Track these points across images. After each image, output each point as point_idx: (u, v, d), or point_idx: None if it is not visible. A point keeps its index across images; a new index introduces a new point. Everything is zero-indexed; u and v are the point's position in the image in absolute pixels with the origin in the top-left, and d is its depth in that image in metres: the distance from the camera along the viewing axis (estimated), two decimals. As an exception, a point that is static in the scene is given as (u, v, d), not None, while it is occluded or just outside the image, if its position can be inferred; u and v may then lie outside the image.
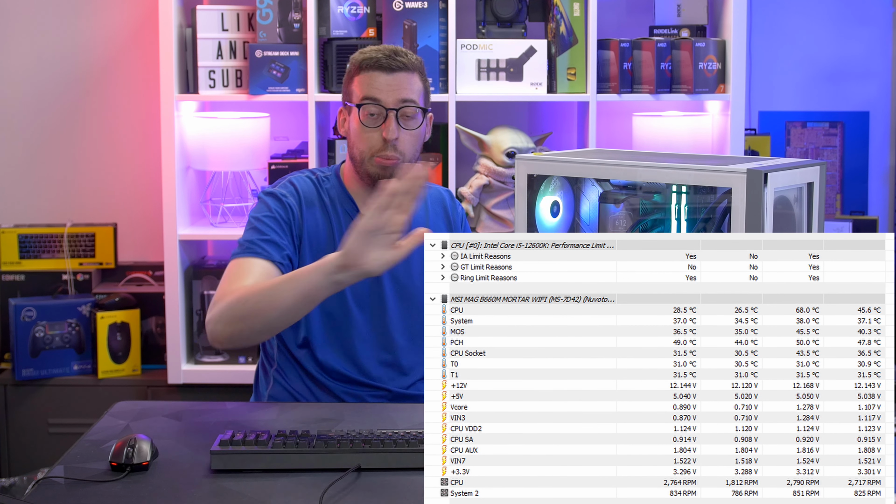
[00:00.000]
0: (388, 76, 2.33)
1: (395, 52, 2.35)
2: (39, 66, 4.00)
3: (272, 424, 2.12)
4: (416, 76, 2.36)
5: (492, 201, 3.52)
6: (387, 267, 1.96)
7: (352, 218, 2.38)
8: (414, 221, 2.42)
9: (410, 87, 2.34)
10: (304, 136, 3.71)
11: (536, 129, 3.86)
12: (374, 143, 2.33)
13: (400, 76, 2.33)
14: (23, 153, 4.04)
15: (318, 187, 2.42)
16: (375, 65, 2.33)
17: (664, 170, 1.90)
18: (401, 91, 2.33)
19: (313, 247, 2.37)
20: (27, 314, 3.70)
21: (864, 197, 4.11)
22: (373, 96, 2.32)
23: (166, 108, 3.51)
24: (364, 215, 1.94)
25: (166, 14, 3.48)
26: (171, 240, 3.54)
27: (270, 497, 1.77)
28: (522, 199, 2.03)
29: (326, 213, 2.39)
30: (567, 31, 3.49)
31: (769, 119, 4.11)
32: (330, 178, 2.44)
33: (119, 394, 3.59)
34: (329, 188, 2.42)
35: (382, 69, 2.33)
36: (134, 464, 1.85)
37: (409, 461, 1.87)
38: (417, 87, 2.36)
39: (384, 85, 2.32)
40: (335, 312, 2.38)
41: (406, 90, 2.33)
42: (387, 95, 2.32)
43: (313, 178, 2.44)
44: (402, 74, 2.33)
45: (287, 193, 2.38)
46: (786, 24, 4.08)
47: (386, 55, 2.34)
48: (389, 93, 2.32)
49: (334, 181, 2.44)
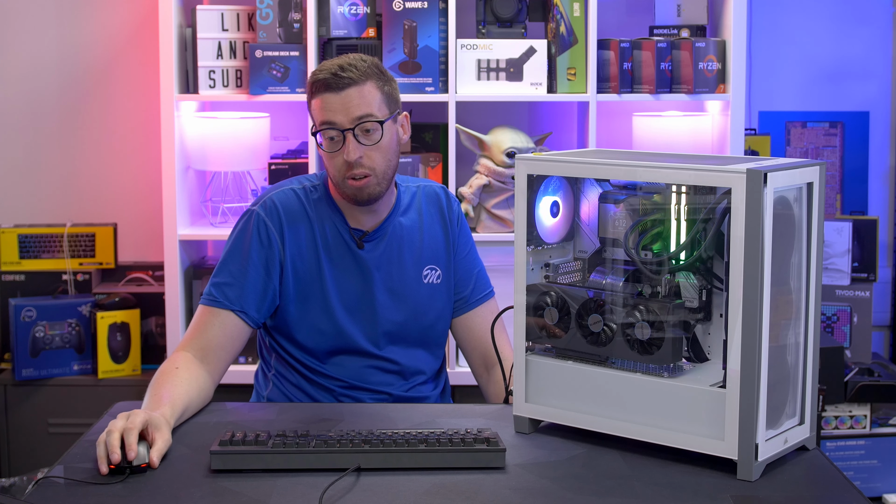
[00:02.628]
0: (337, 96, 2.25)
1: (340, 68, 2.26)
2: (39, 66, 4.00)
3: (272, 424, 2.12)
4: (367, 86, 2.26)
5: (492, 201, 3.52)
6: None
7: (338, 229, 2.37)
8: (409, 227, 2.42)
9: (363, 101, 2.25)
10: (304, 136, 3.71)
11: (536, 129, 3.86)
12: (339, 165, 2.28)
13: (349, 93, 2.25)
14: (23, 153, 4.04)
15: (304, 200, 2.37)
16: (323, 86, 2.26)
17: (664, 170, 1.90)
18: (352, 109, 2.25)
19: (297, 266, 2.35)
20: (27, 314, 3.70)
21: (864, 197, 4.11)
22: (328, 120, 2.26)
23: (166, 108, 3.51)
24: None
25: (166, 14, 3.48)
26: (171, 240, 3.54)
27: (270, 497, 1.77)
28: (522, 199, 2.03)
29: (311, 228, 2.36)
30: (567, 31, 3.49)
31: (769, 119, 4.10)
32: (318, 187, 2.39)
33: (119, 394, 3.59)
34: (316, 199, 2.37)
35: (331, 89, 2.25)
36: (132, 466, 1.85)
37: (409, 461, 1.88)
38: (372, 98, 2.27)
39: (337, 105, 2.25)
40: (325, 328, 2.37)
41: (358, 106, 2.25)
42: (341, 116, 2.25)
43: (299, 190, 2.38)
44: (351, 91, 2.25)
45: (267, 219, 2.33)
46: (786, 24, 4.08)
47: (332, 73, 2.25)
48: (343, 113, 2.25)
49: (322, 190, 2.39)
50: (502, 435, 2.00)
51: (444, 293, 2.45)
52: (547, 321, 2.05)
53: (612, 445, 1.98)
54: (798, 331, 1.94)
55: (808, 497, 1.80)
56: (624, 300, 1.98)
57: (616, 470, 1.89)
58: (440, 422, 2.14)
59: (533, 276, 2.09)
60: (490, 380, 2.47)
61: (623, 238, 2.01)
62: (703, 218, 1.93)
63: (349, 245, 2.37)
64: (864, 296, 3.85)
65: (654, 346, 1.94)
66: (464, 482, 1.83)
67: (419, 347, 2.44)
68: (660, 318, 1.93)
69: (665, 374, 1.94)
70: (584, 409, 2.00)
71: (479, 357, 2.49)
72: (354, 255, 2.37)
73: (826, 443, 3.61)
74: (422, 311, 2.41)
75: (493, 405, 2.32)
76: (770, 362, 1.84)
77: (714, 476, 1.85)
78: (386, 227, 2.39)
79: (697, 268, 1.96)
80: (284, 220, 2.34)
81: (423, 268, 2.42)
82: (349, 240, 2.36)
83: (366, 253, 2.36)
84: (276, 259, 2.33)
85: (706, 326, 1.99)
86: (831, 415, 3.63)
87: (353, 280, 2.36)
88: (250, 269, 2.31)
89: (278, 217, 2.34)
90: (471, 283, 2.49)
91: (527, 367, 2.06)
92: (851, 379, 3.63)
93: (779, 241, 1.84)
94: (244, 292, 2.31)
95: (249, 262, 2.32)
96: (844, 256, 3.85)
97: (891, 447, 3.67)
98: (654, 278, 1.98)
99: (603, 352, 2.00)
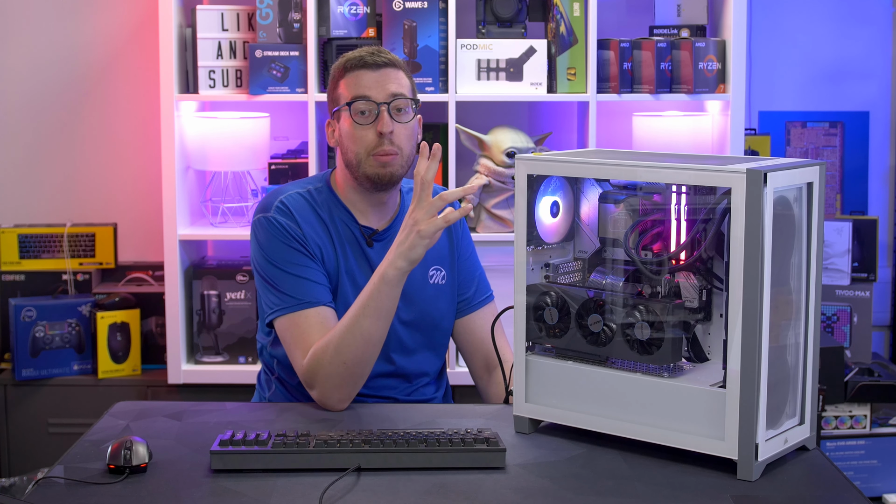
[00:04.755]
0: (374, 72, 2.30)
1: (377, 50, 2.34)
2: (39, 66, 4.00)
3: (272, 425, 2.13)
4: (401, 72, 2.34)
5: (492, 201, 3.52)
6: (436, 230, 2.12)
7: (350, 228, 2.36)
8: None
9: (399, 82, 2.32)
10: (304, 136, 3.71)
11: (536, 129, 3.86)
12: (368, 141, 2.29)
13: (387, 71, 2.31)
14: (23, 153, 4.04)
15: (312, 202, 2.36)
16: (360, 63, 2.31)
17: (664, 170, 1.90)
18: (389, 85, 2.30)
19: (325, 261, 2.33)
20: (27, 314, 3.70)
21: (864, 197, 4.11)
22: (362, 94, 2.30)
23: (166, 108, 3.51)
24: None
25: (166, 14, 3.48)
26: (171, 240, 3.54)
27: (270, 497, 1.77)
28: (522, 199, 2.03)
29: (326, 228, 2.35)
30: (567, 31, 3.49)
31: (769, 119, 4.10)
32: (321, 189, 2.39)
33: (119, 394, 3.59)
34: (322, 200, 2.37)
35: (368, 67, 2.31)
36: (132, 466, 1.85)
37: (409, 461, 1.88)
38: (405, 82, 2.34)
39: (372, 81, 2.30)
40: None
41: (394, 84, 2.31)
42: (376, 91, 2.30)
43: (304, 193, 2.37)
44: (388, 70, 2.32)
45: (285, 220, 2.31)
46: (786, 24, 4.08)
47: (369, 53, 2.32)
48: (378, 88, 2.30)
49: (326, 193, 2.38)
50: (502, 435, 2.00)
51: (449, 294, 2.45)
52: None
53: (612, 445, 1.98)
54: (798, 331, 1.94)
55: (808, 497, 1.80)
56: (624, 300, 1.98)
57: (616, 470, 1.89)
58: (440, 422, 2.14)
59: (533, 276, 2.09)
60: (491, 381, 2.47)
61: (623, 238, 2.01)
62: (702, 218, 1.93)
63: (360, 243, 2.37)
64: (864, 296, 3.85)
65: (653, 346, 1.94)
66: (464, 482, 1.83)
67: (424, 348, 2.43)
68: (660, 318, 1.93)
69: (665, 374, 1.94)
70: (584, 409, 2.00)
71: (480, 359, 2.48)
72: (365, 254, 2.37)
73: (826, 443, 3.61)
74: (428, 311, 2.41)
75: (493, 405, 2.32)
76: (770, 362, 1.84)
77: (714, 476, 1.85)
78: (395, 227, 2.39)
79: (697, 268, 1.96)
80: (300, 220, 2.33)
81: (429, 268, 2.42)
82: (360, 237, 2.36)
83: (375, 252, 2.36)
84: (310, 248, 2.31)
85: (706, 326, 1.99)
86: (831, 415, 3.63)
87: (366, 278, 2.35)
88: (302, 262, 2.29)
89: (293, 217, 2.33)
90: (473, 285, 2.49)
91: (527, 367, 2.06)
92: (851, 379, 3.63)
93: (779, 241, 1.84)
94: (313, 286, 2.28)
95: (297, 256, 2.29)
96: (844, 256, 3.85)
97: (891, 447, 3.67)
98: (654, 278, 1.98)
99: (603, 352, 2.00)
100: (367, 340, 2.18)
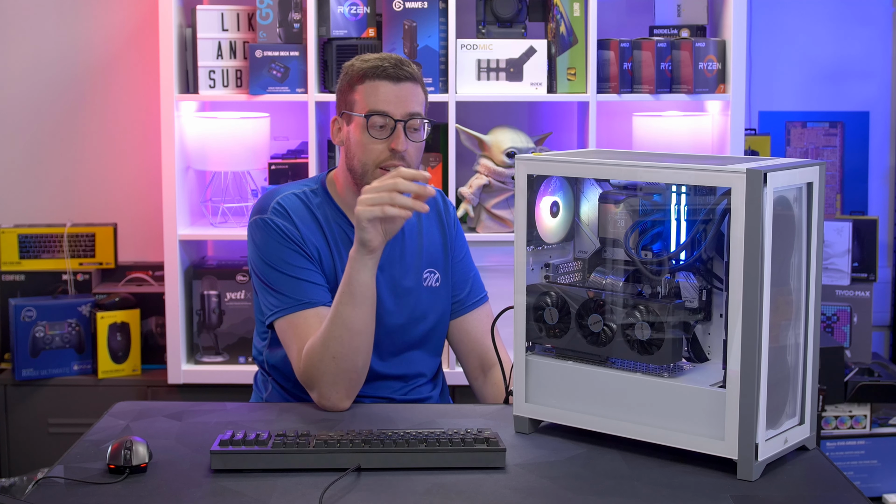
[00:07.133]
0: (395, 86, 2.27)
1: (400, 62, 2.29)
2: (39, 66, 4.00)
3: (272, 424, 2.13)
4: (419, 87, 2.31)
5: (492, 201, 3.52)
6: (371, 216, 2.12)
7: (346, 232, 2.36)
8: (409, 230, 2.42)
9: (416, 99, 2.29)
10: (304, 136, 3.71)
11: (536, 129, 3.86)
12: (378, 154, 2.27)
13: (407, 87, 2.28)
14: (23, 153, 4.04)
15: (308, 204, 2.35)
16: (382, 74, 2.27)
17: (664, 170, 1.90)
18: (408, 103, 2.27)
19: (322, 262, 2.33)
20: (27, 314, 3.70)
21: (864, 197, 4.11)
22: (380, 109, 2.26)
23: (166, 108, 3.51)
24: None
25: (166, 14, 3.48)
26: (171, 240, 3.54)
27: (270, 497, 1.77)
28: (522, 199, 2.03)
29: (322, 230, 2.35)
30: (567, 31, 3.49)
31: (769, 119, 4.11)
32: (317, 191, 2.38)
33: (119, 394, 3.59)
34: (318, 203, 2.36)
35: (390, 79, 2.27)
36: (132, 466, 1.85)
37: (409, 461, 1.88)
38: (421, 99, 2.31)
39: (392, 96, 2.26)
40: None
41: (413, 102, 2.28)
42: (395, 107, 2.26)
43: (300, 195, 2.36)
44: (408, 85, 2.28)
45: (282, 221, 2.31)
46: (786, 24, 4.08)
47: (392, 64, 2.27)
48: (398, 105, 2.27)
49: (322, 195, 2.38)
50: (502, 435, 2.00)
51: (444, 296, 2.45)
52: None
53: (612, 445, 1.98)
54: (798, 331, 1.94)
55: (808, 497, 1.80)
56: (624, 300, 1.98)
57: (616, 470, 1.89)
58: (440, 422, 2.14)
59: (533, 276, 2.09)
60: (486, 382, 2.47)
61: (623, 238, 2.01)
62: (702, 219, 1.93)
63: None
64: (864, 296, 3.85)
65: (653, 346, 1.94)
66: (464, 482, 1.83)
67: (420, 350, 2.43)
68: (660, 319, 1.94)
69: (665, 374, 1.94)
70: (584, 409, 2.01)
71: (475, 360, 2.48)
72: None
73: (826, 443, 3.61)
74: (422, 313, 2.41)
75: (493, 405, 2.32)
76: (770, 362, 1.84)
77: (714, 476, 1.85)
78: None
79: (697, 268, 1.96)
80: (297, 221, 2.32)
81: (423, 271, 2.42)
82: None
83: None
84: (308, 249, 2.31)
85: (706, 326, 1.99)
86: (831, 415, 3.63)
87: None
88: (300, 264, 2.29)
89: (290, 218, 2.32)
90: (467, 286, 2.49)
91: (527, 367, 2.06)
92: (851, 379, 3.63)
93: (779, 242, 1.85)
94: (311, 287, 2.28)
95: (294, 261, 2.29)
96: (844, 256, 3.85)
97: (891, 447, 3.67)
98: (654, 278, 1.99)
99: (603, 352, 2.00)
100: (350, 329, 2.17)
